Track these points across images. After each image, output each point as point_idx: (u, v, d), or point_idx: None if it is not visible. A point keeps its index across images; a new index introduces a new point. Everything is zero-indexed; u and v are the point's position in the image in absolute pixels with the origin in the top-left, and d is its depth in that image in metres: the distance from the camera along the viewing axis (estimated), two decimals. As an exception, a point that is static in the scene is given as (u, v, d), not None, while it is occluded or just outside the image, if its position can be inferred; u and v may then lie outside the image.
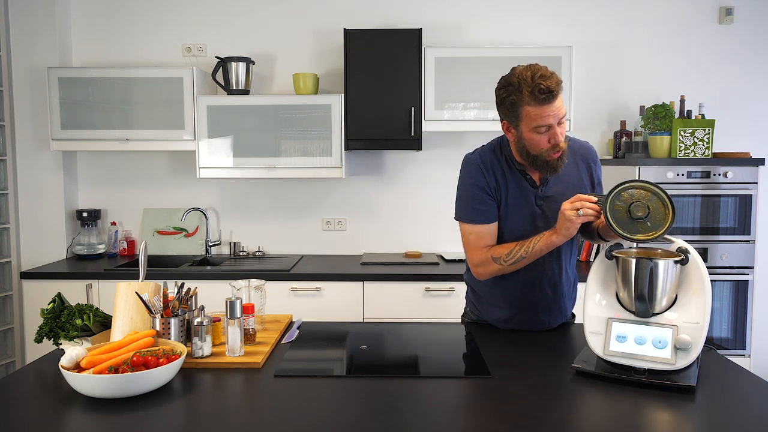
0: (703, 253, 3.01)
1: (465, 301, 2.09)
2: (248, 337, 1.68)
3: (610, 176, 3.33)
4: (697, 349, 1.38)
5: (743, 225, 3.00)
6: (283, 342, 1.77)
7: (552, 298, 1.86)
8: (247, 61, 3.30)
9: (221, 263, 3.36)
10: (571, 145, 1.81)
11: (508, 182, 1.77)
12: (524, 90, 1.61)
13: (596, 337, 1.49)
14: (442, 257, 3.39)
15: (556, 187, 1.78)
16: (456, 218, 1.86)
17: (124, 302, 1.64)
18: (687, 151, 3.03)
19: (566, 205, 1.58)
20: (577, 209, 1.56)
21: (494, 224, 1.78)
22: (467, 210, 1.80)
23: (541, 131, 1.64)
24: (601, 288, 1.56)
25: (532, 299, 1.85)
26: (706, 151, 3.01)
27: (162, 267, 3.29)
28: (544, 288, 1.84)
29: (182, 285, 1.68)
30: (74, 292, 2.99)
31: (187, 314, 1.67)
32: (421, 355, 1.68)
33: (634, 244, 1.53)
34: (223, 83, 3.30)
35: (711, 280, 2.05)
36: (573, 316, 2.03)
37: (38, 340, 1.64)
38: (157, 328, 1.59)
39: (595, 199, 1.55)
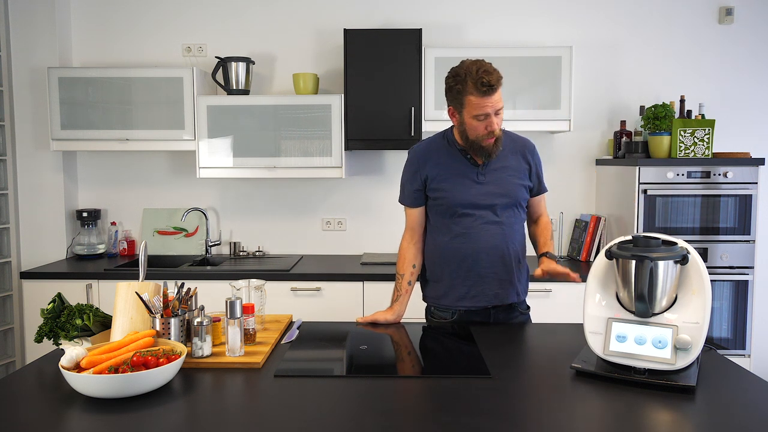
0: (703, 253, 3.01)
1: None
2: (248, 337, 1.68)
3: (611, 176, 3.33)
4: (697, 349, 1.38)
5: (743, 225, 3.00)
6: (283, 342, 1.77)
7: (502, 268, 1.97)
8: (247, 61, 3.30)
9: (221, 263, 3.36)
10: (512, 136, 2.04)
11: (451, 161, 1.98)
12: (469, 82, 1.82)
13: (596, 337, 1.49)
14: (442, 257, 3.39)
15: (497, 163, 1.98)
16: None
17: (124, 302, 1.64)
18: (687, 151, 3.03)
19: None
20: None
21: (416, 209, 2.08)
22: (400, 191, 2.12)
23: (480, 119, 1.85)
24: (601, 288, 1.56)
25: (481, 270, 1.96)
26: (706, 151, 3.01)
27: (162, 267, 3.29)
28: (492, 256, 1.96)
29: (182, 285, 1.68)
30: (74, 292, 2.99)
31: (187, 314, 1.67)
32: (420, 355, 1.68)
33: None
34: (223, 83, 3.30)
35: (711, 280, 2.05)
36: (528, 308, 2.10)
37: (38, 340, 1.64)
38: (157, 328, 1.59)
39: None
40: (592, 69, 3.48)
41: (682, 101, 3.23)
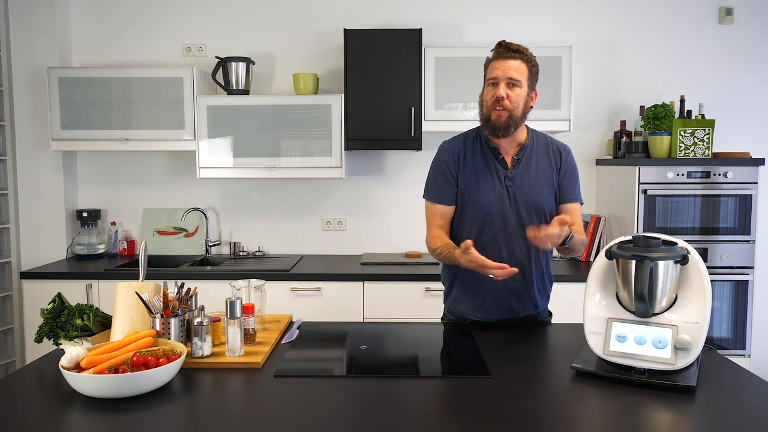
0: (703, 253, 3.01)
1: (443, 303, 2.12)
2: (248, 337, 1.68)
3: (611, 176, 3.33)
4: (697, 349, 1.38)
5: (743, 225, 3.00)
6: (283, 342, 1.77)
7: (521, 283, 1.91)
8: (247, 61, 3.30)
9: (221, 263, 3.36)
10: (548, 140, 1.98)
11: (480, 161, 1.91)
12: (494, 49, 1.87)
13: (596, 337, 1.49)
14: (442, 257, 3.39)
15: (525, 170, 1.90)
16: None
17: (124, 302, 1.64)
18: (687, 151, 3.03)
19: (476, 260, 1.70)
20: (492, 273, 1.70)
21: (445, 207, 1.94)
22: (427, 188, 2.00)
23: (491, 83, 1.84)
24: (601, 288, 1.56)
25: (497, 282, 1.86)
26: (706, 151, 3.01)
27: (162, 267, 3.29)
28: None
29: (182, 285, 1.68)
30: (74, 292, 2.99)
31: (187, 314, 1.67)
32: (421, 355, 1.68)
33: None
34: (223, 83, 3.30)
35: (711, 280, 2.05)
36: (550, 314, 2.06)
37: (38, 340, 1.64)
38: (157, 328, 1.59)
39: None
40: (592, 69, 3.48)
41: (682, 101, 3.23)
